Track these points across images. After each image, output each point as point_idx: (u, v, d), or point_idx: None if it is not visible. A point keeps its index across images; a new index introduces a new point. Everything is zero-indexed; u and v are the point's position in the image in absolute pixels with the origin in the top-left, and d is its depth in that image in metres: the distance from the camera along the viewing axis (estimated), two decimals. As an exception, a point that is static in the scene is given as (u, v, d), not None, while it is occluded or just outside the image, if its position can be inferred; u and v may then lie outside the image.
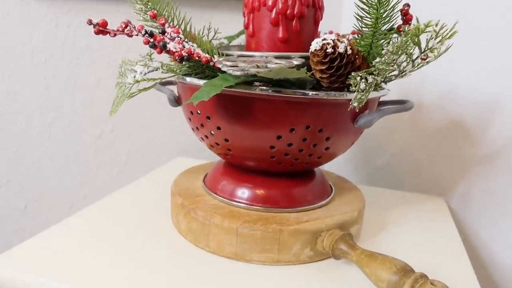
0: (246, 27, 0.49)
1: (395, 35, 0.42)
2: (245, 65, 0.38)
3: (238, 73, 0.36)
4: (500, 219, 0.66)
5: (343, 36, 0.52)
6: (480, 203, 0.68)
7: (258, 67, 0.37)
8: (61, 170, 0.78)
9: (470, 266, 0.48)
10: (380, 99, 0.51)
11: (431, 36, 0.35)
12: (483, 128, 0.66)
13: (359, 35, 0.42)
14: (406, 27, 0.38)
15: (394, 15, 0.39)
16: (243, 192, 0.49)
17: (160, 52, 0.42)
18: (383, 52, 0.37)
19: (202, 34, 0.54)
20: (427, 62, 0.40)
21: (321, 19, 0.49)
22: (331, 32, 0.59)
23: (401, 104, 0.50)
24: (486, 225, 0.67)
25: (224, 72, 0.39)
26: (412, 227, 0.57)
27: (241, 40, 0.63)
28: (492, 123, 0.65)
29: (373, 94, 0.42)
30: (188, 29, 0.48)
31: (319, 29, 0.54)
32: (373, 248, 0.50)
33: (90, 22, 0.42)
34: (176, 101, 0.52)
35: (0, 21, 0.68)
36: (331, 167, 0.78)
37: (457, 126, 0.68)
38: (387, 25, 0.39)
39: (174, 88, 0.53)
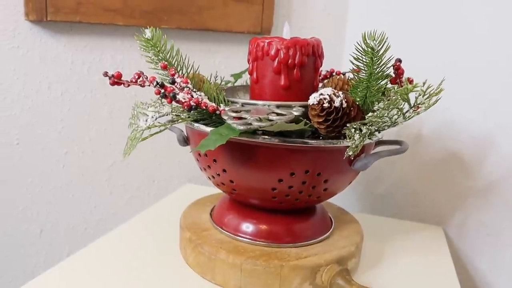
0: (250, 73, 0.52)
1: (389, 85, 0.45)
2: (248, 118, 0.41)
3: (241, 127, 0.39)
4: (495, 251, 0.68)
5: (340, 79, 0.55)
6: (476, 234, 0.70)
7: (260, 119, 0.41)
8: (75, 196, 0.82)
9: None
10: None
11: (419, 93, 0.38)
12: (479, 162, 0.69)
13: (356, 84, 0.45)
14: (396, 87, 0.41)
15: (386, 70, 0.43)
16: (248, 227, 0.53)
17: (170, 102, 0.46)
18: (375, 108, 0.41)
19: (210, 78, 0.57)
20: (418, 113, 0.43)
21: (321, 66, 0.52)
22: (332, 71, 0.62)
23: (396, 145, 0.53)
24: (482, 256, 0.70)
25: (230, 122, 0.42)
26: (409, 260, 0.59)
27: (246, 77, 0.67)
28: (488, 158, 0.68)
29: (368, 141, 0.45)
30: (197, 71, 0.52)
31: (321, 69, 0.57)
32: (370, 280, 0.53)
33: (106, 74, 0.46)
34: (185, 141, 0.55)
35: (20, 58, 0.73)
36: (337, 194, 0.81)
37: (454, 158, 0.71)
38: (380, 80, 0.43)
39: (183, 127, 0.56)
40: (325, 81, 0.60)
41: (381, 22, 0.76)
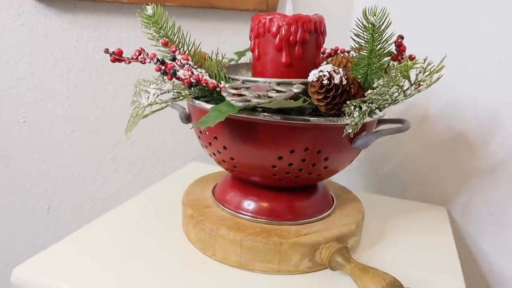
0: (252, 50, 0.52)
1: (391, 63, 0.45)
2: (248, 94, 0.41)
3: (240, 104, 0.39)
4: (498, 230, 0.68)
5: (344, 57, 0.54)
6: (479, 214, 0.70)
7: (259, 96, 0.41)
8: (82, 174, 0.83)
9: (463, 283, 0.51)
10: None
11: (419, 70, 0.38)
12: (484, 142, 0.68)
13: (357, 61, 0.45)
14: (396, 64, 0.40)
15: (387, 47, 0.42)
16: (249, 204, 0.53)
17: (170, 79, 0.46)
18: (374, 85, 0.40)
19: (212, 55, 0.57)
20: (419, 91, 0.42)
21: (323, 43, 0.51)
22: (337, 49, 0.62)
23: (399, 124, 0.53)
24: (485, 236, 0.70)
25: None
26: (410, 239, 0.60)
27: (250, 55, 0.66)
28: (493, 137, 0.67)
29: (369, 118, 0.45)
30: (198, 49, 0.52)
31: (325, 46, 0.57)
32: (370, 258, 0.54)
33: (106, 51, 0.46)
34: (187, 118, 0.55)
35: (25, 36, 0.73)
36: (342, 173, 0.81)
37: (459, 138, 0.70)
38: (381, 57, 0.42)
39: (185, 105, 0.57)
40: (329, 59, 0.60)
41: None
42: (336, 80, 0.40)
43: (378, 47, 0.41)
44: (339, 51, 0.61)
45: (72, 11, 0.74)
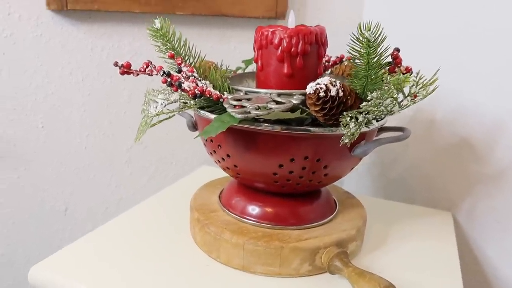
0: (256, 61, 0.54)
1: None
2: (248, 106, 0.43)
3: (239, 116, 0.41)
4: (503, 237, 0.69)
5: (348, 66, 0.56)
6: (485, 220, 0.70)
7: (259, 108, 0.43)
8: (97, 177, 0.87)
9: (461, 286, 0.52)
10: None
11: (412, 83, 0.39)
12: (489, 147, 0.68)
13: (355, 73, 0.46)
14: (389, 78, 0.42)
15: (384, 59, 0.43)
16: (253, 209, 0.55)
17: (176, 90, 0.48)
18: (369, 97, 0.42)
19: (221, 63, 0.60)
20: (414, 102, 0.44)
21: (324, 54, 0.53)
22: (342, 57, 0.63)
23: (399, 132, 0.54)
24: (490, 242, 0.70)
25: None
26: (413, 244, 0.60)
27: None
28: (498, 144, 0.67)
29: (365, 129, 0.46)
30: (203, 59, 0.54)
31: (329, 54, 0.58)
32: (371, 263, 0.55)
33: (116, 64, 0.48)
34: (194, 126, 0.58)
35: (43, 46, 0.76)
36: (351, 177, 0.83)
37: (465, 143, 0.71)
38: (378, 69, 0.43)
39: (193, 113, 0.59)
40: (334, 67, 0.61)
41: (398, 6, 0.75)
42: (333, 92, 0.42)
43: (374, 60, 0.42)
44: (344, 59, 0.63)
45: (87, 22, 0.78)
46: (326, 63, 0.61)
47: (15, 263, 0.89)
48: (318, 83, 0.42)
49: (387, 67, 0.45)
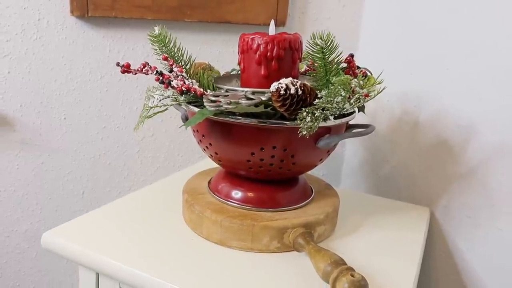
0: (239, 63, 0.61)
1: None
2: (222, 101, 0.51)
3: (212, 109, 0.49)
4: (473, 232, 0.73)
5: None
6: (458, 215, 0.75)
7: (230, 103, 0.50)
8: (111, 165, 0.97)
9: (415, 270, 0.57)
10: (350, 123, 0.62)
11: (355, 85, 0.46)
12: (463, 149, 0.73)
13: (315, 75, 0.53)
14: (339, 78, 0.48)
15: (339, 64, 0.50)
16: (236, 193, 0.62)
17: (166, 87, 0.56)
18: (319, 95, 0.49)
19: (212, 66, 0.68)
20: (366, 101, 0.50)
21: (298, 58, 0.60)
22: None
23: (365, 128, 0.60)
24: (462, 236, 0.75)
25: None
26: (383, 233, 0.65)
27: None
28: (469, 144, 0.72)
29: (323, 123, 0.53)
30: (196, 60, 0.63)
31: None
32: (337, 246, 0.61)
33: (117, 64, 0.57)
34: (186, 119, 0.66)
35: (67, 48, 0.87)
36: (346, 176, 0.89)
37: (445, 144, 0.76)
38: (334, 72, 0.50)
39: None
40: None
41: (396, 13, 0.80)
42: (292, 90, 0.49)
43: (331, 65, 0.49)
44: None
45: (106, 27, 0.88)
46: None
47: (38, 239, 1.00)
48: (280, 83, 0.50)
49: (343, 70, 0.52)
